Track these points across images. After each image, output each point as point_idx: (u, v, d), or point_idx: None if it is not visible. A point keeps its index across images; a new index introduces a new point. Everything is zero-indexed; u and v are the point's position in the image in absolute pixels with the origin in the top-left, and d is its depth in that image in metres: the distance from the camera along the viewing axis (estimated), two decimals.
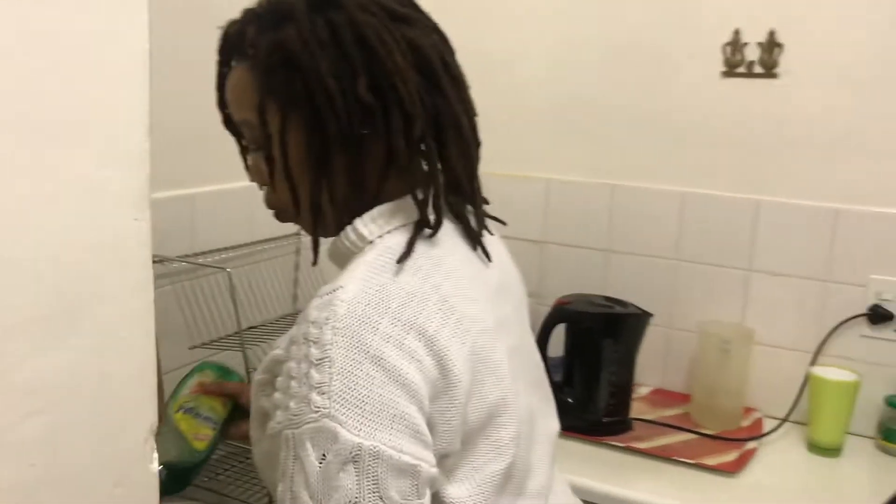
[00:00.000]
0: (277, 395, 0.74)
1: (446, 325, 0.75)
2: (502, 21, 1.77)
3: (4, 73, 0.45)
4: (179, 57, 1.14)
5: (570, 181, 1.74)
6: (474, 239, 0.86)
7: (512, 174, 1.78)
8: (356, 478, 0.67)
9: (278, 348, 0.79)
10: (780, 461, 1.43)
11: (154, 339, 0.57)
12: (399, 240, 0.79)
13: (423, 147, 0.82)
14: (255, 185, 0.89)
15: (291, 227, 1.39)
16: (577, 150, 1.73)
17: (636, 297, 1.57)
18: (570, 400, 1.49)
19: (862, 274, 1.50)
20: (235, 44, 0.84)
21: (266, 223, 0.92)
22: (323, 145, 0.80)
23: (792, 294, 1.56)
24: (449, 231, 0.84)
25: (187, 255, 1.27)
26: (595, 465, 1.39)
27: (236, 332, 1.20)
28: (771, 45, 1.53)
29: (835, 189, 1.51)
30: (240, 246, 1.39)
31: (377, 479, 0.68)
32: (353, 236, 0.81)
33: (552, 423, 0.96)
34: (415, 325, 0.73)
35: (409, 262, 0.77)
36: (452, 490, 0.76)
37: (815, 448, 1.46)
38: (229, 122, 0.89)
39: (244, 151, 0.90)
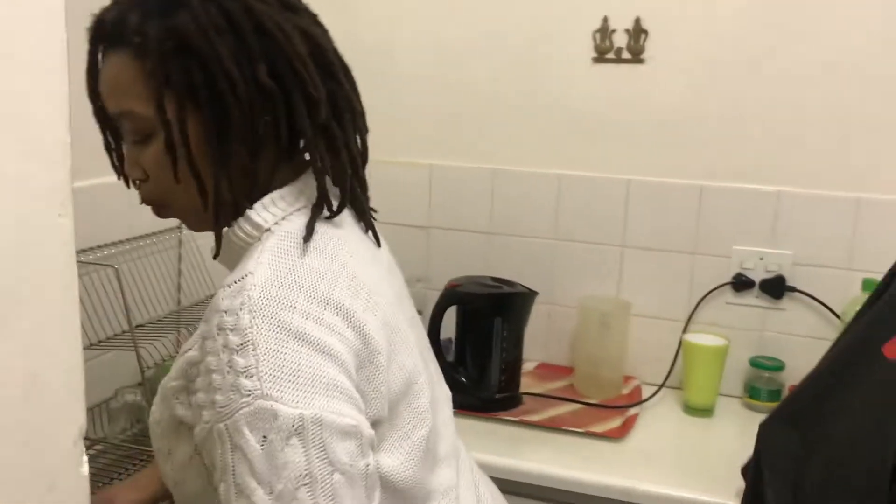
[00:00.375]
0: (199, 396, 0.73)
1: (358, 300, 0.77)
2: (381, 9, 1.77)
3: None
4: None
5: (453, 166, 1.77)
6: (367, 222, 0.89)
7: (395, 161, 1.79)
8: (302, 449, 0.68)
9: (189, 350, 0.78)
10: (659, 424, 1.53)
11: (80, 339, 0.55)
12: (297, 224, 0.80)
13: (327, 131, 0.82)
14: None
15: (173, 222, 1.35)
16: (459, 137, 1.76)
17: (519, 276, 1.63)
18: (463, 379, 1.53)
19: (725, 246, 1.61)
20: (113, 31, 0.80)
21: (147, 218, 0.89)
22: (225, 134, 0.79)
23: (663, 267, 1.66)
24: (344, 213, 0.85)
25: None
26: (491, 440, 1.43)
27: (126, 332, 1.16)
28: (637, 32, 1.62)
29: (700, 167, 1.62)
30: (121, 242, 1.33)
31: (324, 445, 0.69)
32: (247, 227, 0.81)
33: (446, 388, 1.00)
34: (330, 300, 0.74)
35: (313, 244, 0.78)
36: (385, 460, 0.78)
37: (691, 410, 1.57)
38: (102, 114, 0.85)
39: (111, 145, 0.87)
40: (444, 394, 0.98)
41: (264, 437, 0.68)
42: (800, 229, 1.57)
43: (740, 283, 1.60)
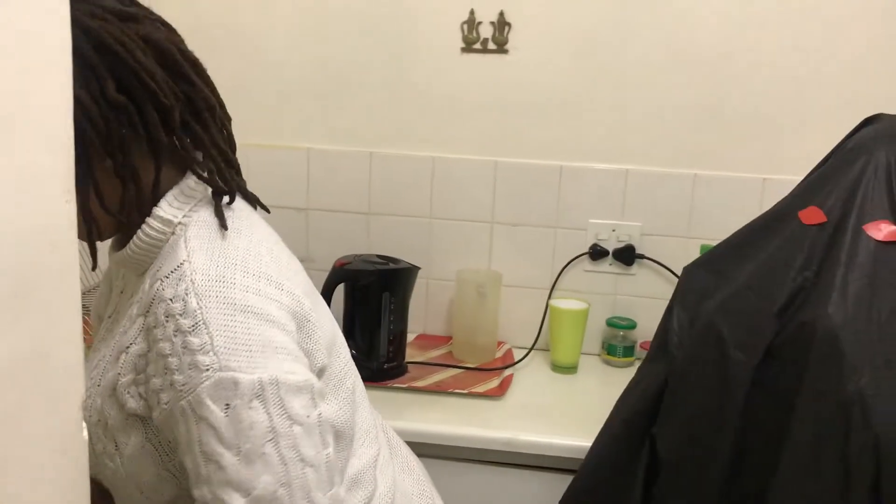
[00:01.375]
0: (154, 381, 0.79)
1: (281, 270, 0.86)
2: None
3: None
4: None
5: (330, 150, 1.84)
6: (252, 201, 0.96)
7: (273, 145, 1.84)
8: (264, 409, 0.76)
9: (132, 344, 0.83)
10: (531, 382, 1.69)
11: (81, 316, 0.60)
12: (205, 214, 0.87)
13: (189, 132, 0.89)
14: None
15: None
16: (336, 121, 1.84)
17: (398, 254, 1.73)
18: (353, 352, 1.61)
19: (583, 220, 1.79)
20: None
21: None
22: (84, 155, 0.81)
23: (529, 241, 1.82)
24: (238, 199, 0.93)
25: None
26: (383, 406, 1.52)
27: None
28: (501, 25, 1.75)
29: (559, 149, 1.78)
30: None
31: (282, 403, 0.77)
32: (157, 225, 0.87)
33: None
34: (261, 273, 0.83)
35: (229, 227, 0.86)
36: (325, 407, 0.87)
37: (558, 368, 1.74)
38: None
39: None
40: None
41: (227, 404, 0.76)
42: (646, 203, 1.77)
43: (596, 253, 1.79)
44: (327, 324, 0.93)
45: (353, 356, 1.56)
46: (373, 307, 1.61)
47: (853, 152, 1.15)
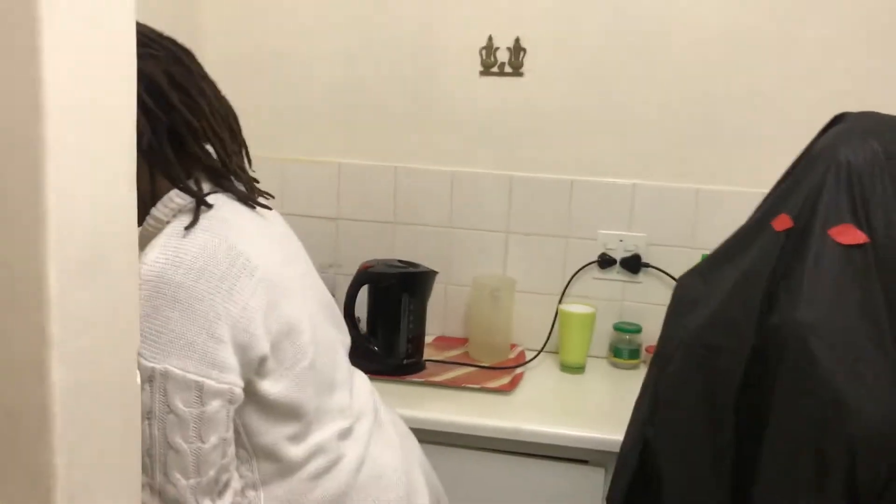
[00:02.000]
0: None
1: (234, 266, 0.98)
2: (294, 24, 1.98)
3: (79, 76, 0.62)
4: None
5: (359, 164, 2.00)
6: (246, 201, 1.09)
7: (307, 160, 2.01)
8: (150, 393, 0.91)
9: None
10: (541, 381, 1.81)
11: (137, 279, 0.75)
12: (187, 216, 1.01)
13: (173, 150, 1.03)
14: None
15: None
16: (364, 138, 2.00)
17: (420, 260, 1.87)
18: (375, 348, 1.76)
19: (592, 230, 1.92)
20: None
21: None
22: None
23: (541, 249, 1.95)
24: (226, 200, 1.06)
25: None
26: (401, 397, 1.67)
27: None
28: (517, 50, 1.90)
29: (571, 164, 1.92)
30: None
31: (165, 393, 0.92)
32: (152, 222, 1.03)
33: (345, 337, 1.25)
34: (205, 271, 0.95)
35: (198, 227, 0.99)
36: (272, 388, 1.01)
37: (566, 368, 1.86)
38: None
39: None
40: (344, 341, 1.23)
41: None
42: (651, 216, 1.89)
43: (605, 262, 1.91)
44: (287, 311, 1.03)
45: (374, 352, 1.74)
46: (393, 307, 1.75)
47: (816, 156, 1.22)
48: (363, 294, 1.78)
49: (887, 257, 1.11)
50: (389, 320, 1.76)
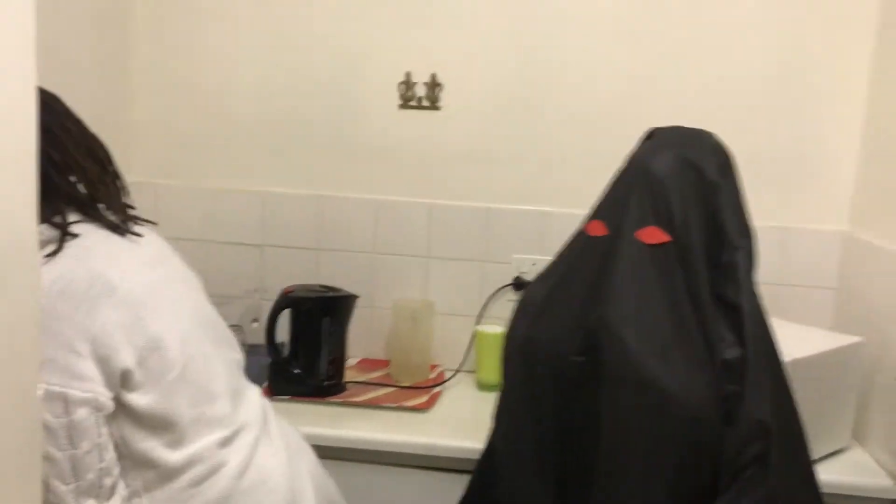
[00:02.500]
0: None
1: (93, 288, 1.06)
2: (215, 55, 2.06)
3: None
4: None
5: (283, 193, 2.08)
6: (115, 229, 1.17)
7: (233, 188, 2.08)
8: None
9: None
10: (457, 399, 1.89)
11: (37, 300, 0.82)
12: (52, 246, 1.09)
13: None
14: None
15: None
16: (288, 168, 2.08)
17: (344, 285, 1.95)
18: (297, 371, 1.82)
19: (507, 254, 2.02)
20: None
21: None
22: None
23: (460, 273, 2.04)
24: (93, 229, 1.14)
25: None
26: (321, 417, 1.74)
27: None
28: (433, 85, 2.00)
29: (486, 192, 2.02)
30: None
31: None
32: None
33: (232, 353, 1.31)
34: (63, 294, 1.04)
35: (60, 255, 1.07)
36: (141, 399, 1.09)
37: (482, 386, 1.94)
38: None
39: None
40: (228, 356, 1.29)
41: None
42: (562, 239, 1.99)
43: (519, 284, 2.01)
44: (153, 327, 1.10)
45: (295, 374, 1.80)
46: (314, 331, 1.82)
47: (627, 168, 1.38)
48: (286, 318, 1.84)
49: (686, 253, 1.26)
50: (310, 343, 1.83)
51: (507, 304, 2.02)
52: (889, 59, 1.81)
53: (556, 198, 1.99)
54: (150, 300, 1.13)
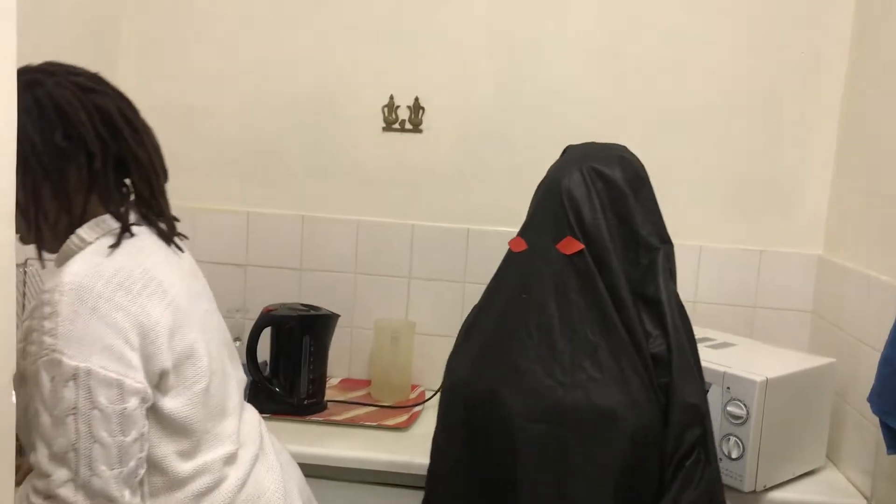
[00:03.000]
0: (31, 348, 1.03)
1: (147, 287, 1.10)
2: (200, 76, 2.09)
3: None
4: None
5: (267, 213, 2.10)
6: (165, 237, 1.21)
7: (217, 208, 2.09)
8: (75, 390, 1.00)
9: (27, 319, 1.08)
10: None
11: (14, 299, 0.83)
12: (108, 238, 1.13)
13: (116, 176, 1.16)
14: None
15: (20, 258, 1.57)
16: (272, 189, 2.10)
17: (326, 305, 1.96)
18: (277, 389, 1.83)
19: (487, 275, 2.01)
20: None
21: None
22: (34, 181, 1.11)
23: (440, 293, 2.06)
24: (147, 232, 1.19)
25: None
26: (301, 436, 1.74)
27: None
28: (416, 108, 2.04)
29: (466, 213, 2.05)
30: None
31: (90, 389, 1.01)
32: (76, 240, 1.13)
33: (240, 373, 1.34)
34: (122, 286, 1.07)
35: (119, 249, 1.11)
36: (170, 403, 1.10)
37: None
38: None
39: None
40: (238, 375, 1.31)
41: (52, 377, 1.00)
42: None
43: None
44: (189, 336, 1.13)
45: (276, 392, 1.81)
46: (294, 349, 1.83)
47: (542, 184, 1.45)
48: (266, 337, 1.85)
49: (602, 256, 1.33)
50: (291, 362, 1.84)
51: None
52: (859, 92, 1.86)
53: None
54: (189, 310, 1.15)
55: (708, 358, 1.62)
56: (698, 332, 1.84)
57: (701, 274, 2.01)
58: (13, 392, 0.84)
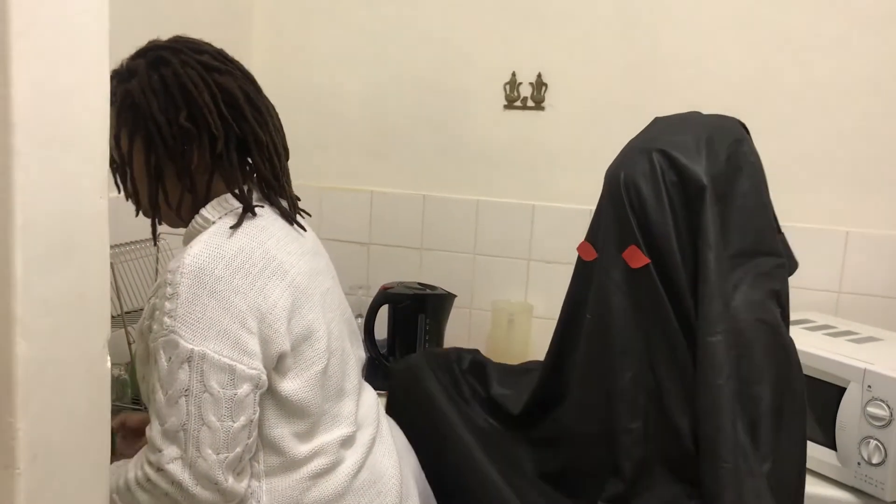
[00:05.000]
0: (154, 326, 1.06)
1: (267, 268, 1.09)
2: (325, 57, 2.13)
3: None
4: None
5: (389, 192, 2.11)
6: (287, 217, 1.21)
7: (342, 187, 2.13)
8: (189, 372, 1.02)
9: (152, 297, 1.11)
10: None
11: (109, 269, 0.86)
12: (230, 218, 1.13)
13: (239, 157, 1.17)
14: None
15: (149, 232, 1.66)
16: (395, 168, 2.11)
17: (445, 285, 1.96)
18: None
19: None
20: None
21: (128, 228, 1.22)
22: (157, 160, 1.13)
23: (561, 276, 2.00)
24: (269, 212, 1.18)
25: None
26: None
27: (118, 315, 1.46)
28: (539, 85, 1.98)
29: (588, 194, 1.97)
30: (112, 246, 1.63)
31: (202, 373, 1.02)
32: (200, 220, 1.15)
33: (360, 351, 1.33)
34: (242, 268, 1.07)
35: (240, 230, 1.11)
36: (287, 385, 1.10)
37: None
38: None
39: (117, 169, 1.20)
40: (357, 354, 1.30)
41: (169, 357, 1.02)
42: None
43: None
44: (309, 316, 1.13)
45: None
46: (410, 327, 1.84)
47: (604, 184, 1.26)
48: (384, 314, 1.87)
49: (667, 272, 1.15)
50: (406, 339, 1.85)
51: None
52: None
53: None
54: (309, 290, 1.14)
55: (847, 353, 1.48)
56: (840, 324, 1.70)
57: (847, 261, 1.85)
58: (108, 357, 0.87)
